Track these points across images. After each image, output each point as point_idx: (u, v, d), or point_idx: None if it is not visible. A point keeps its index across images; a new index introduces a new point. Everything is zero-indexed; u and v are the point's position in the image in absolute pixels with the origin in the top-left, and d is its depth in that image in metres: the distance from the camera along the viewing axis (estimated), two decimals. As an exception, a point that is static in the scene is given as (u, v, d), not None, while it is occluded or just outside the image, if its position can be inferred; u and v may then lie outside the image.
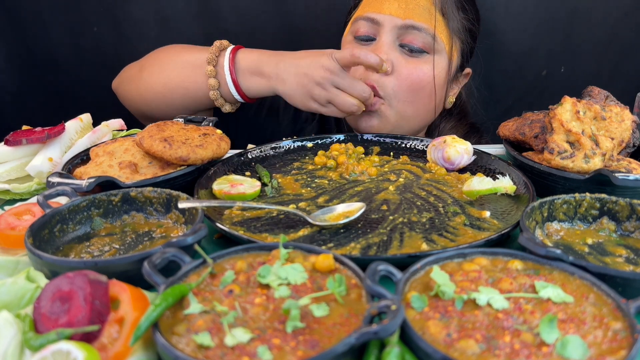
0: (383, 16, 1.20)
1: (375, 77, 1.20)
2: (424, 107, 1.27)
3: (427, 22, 1.20)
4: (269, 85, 1.17)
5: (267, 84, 1.17)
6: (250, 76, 1.18)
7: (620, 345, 0.52)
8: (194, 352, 0.51)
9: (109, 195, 0.81)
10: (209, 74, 1.19)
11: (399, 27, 1.20)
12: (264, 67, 1.16)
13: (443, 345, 0.53)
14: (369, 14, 1.22)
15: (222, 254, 0.65)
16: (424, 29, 1.19)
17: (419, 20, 1.19)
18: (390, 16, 1.20)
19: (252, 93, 1.21)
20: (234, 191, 0.90)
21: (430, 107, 1.28)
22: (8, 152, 1.02)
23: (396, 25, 1.20)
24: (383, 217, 0.87)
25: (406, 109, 1.24)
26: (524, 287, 0.61)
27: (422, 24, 1.19)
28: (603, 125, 0.93)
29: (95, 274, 0.58)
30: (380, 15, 1.21)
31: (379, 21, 1.21)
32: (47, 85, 1.73)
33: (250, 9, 1.64)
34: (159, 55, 1.30)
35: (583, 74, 1.69)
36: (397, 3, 1.20)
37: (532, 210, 0.78)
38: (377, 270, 0.59)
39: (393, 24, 1.20)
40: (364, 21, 1.24)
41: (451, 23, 1.24)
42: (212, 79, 1.19)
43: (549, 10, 1.62)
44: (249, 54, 1.19)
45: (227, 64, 1.18)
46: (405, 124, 1.27)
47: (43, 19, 1.65)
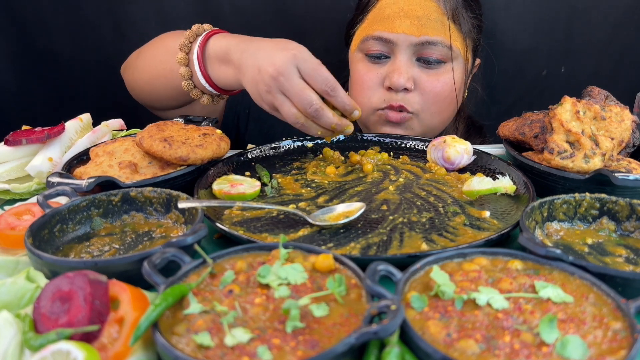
0: (396, 35, 1.17)
1: (400, 97, 1.19)
2: (448, 114, 1.28)
3: (441, 35, 1.18)
4: (234, 76, 1.02)
5: (233, 74, 1.02)
6: (219, 65, 1.05)
7: (620, 345, 0.52)
8: (194, 352, 0.51)
9: (109, 195, 0.81)
10: (180, 62, 1.07)
11: (414, 45, 1.17)
12: (232, 55, 1.01)
13: (443, 345, 0.53)
14: (381, 34, 1.19)
15: (222, 254, 0.65)
16: (440, 42, 1.18)
17: (434, 35, 1.17)
18: (404, 34, 1.17)
19: (221, 84, 1.07)
20: (234, 191, 0.90)
21: (452, 111, 1.29)
22: (8, 152, 1.02)
23: (412, 43, 1.17)
24: (383, 217, 0.87)
25: (433, 119, 1.24)
26: (524, 287, 0.61)
27: (437, 38, 1.17)
28: (603, 125, 0.93)
29: (95, 274, 0.58)
30: (393, 34, 1.17)
31: (393, 40, 1.18)
32: (47, 85, 1.73)
33: (250, 9, 1.64)
34: (154, 42, 1.23)
35: (583, 74, 1.69)
36: (409, 20, 1.17)
37: (532, 210, 0.78)
38: (377, 270, 0.59)
39: (408, 42, 1.17)
40: (375, 41, 1.20)
41: (463, 27, 1.22)
42: (183, 68, 1.08)
43: (549, 10, 1.62)
44: (221, 40, 1.05)
45: (196, 50, 1.05)
46: (430, 133, 1.28)
47: (43, 18, 1.65)
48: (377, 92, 1.22)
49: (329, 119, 0.94)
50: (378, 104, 1.23)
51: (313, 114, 0.92)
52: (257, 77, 0.94)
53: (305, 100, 0.91)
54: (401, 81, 1.16)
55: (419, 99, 1.21)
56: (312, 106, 0.92)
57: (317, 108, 0.92)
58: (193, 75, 1.08)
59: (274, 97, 0.94)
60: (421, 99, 1.21)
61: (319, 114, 0.92)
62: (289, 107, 0.93)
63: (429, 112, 1.23)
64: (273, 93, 0.93)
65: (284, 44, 0.96)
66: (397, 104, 1.18)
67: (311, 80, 0.92)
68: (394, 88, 1.19)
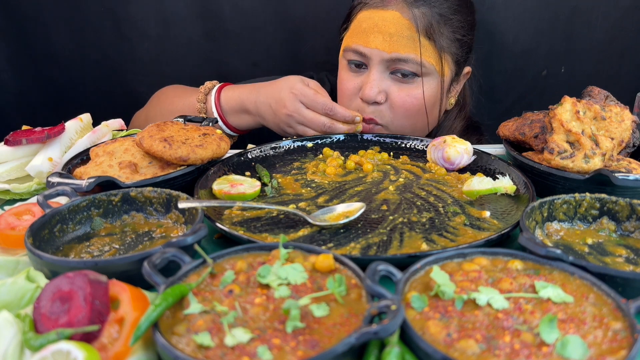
0: (370, 50, 1.21)
1: (371, 110, 1.24)
2: (422, 124, 1.31)
3: (412, 52, 1.20)
4: (255, 121, 1.28)
5: (254, 119, 1.28)
6: (238, 115, 1.29)
7: (620, 345, 0.52)
8: (194, 352, 0.51)
9: (109, 195, 0.81)
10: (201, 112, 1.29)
11: (386, 60, 1.21)
12: (248, 106, 1.26)
13: (443, 345, 0.53)
14: (356, 47, 1.24)
15: (222, 254, 0.65)
16: (411, 59, 1.20)
17: (405, 52, 1.19)
18: (377, 50, 1.20)
19: (243, 128, 1.32)
20: (234, 191, 0.90)
21: (424, 125, 1.32)
22: (8, 152, 1.02)
23: (383, 59, 1.21)
24: (383, 217, 0.87)
25: (404, 130, 1.28)
26: (524, 287, 0.61)
27: (407, 55, 1.20)
28: (603, 125, 0.93)
29: (95, 274, 0.58)
30: (366, 49, 1.22)
31: (366, 54, 1.22)
32: (47, 85, 1.74)
33: (250, 9, 1.64)
34: (158, 104, 1.38)
35: (583, 74, 1.69)
36: (382, 36, 1.20)
37: (532, 210, 0.78)
38: (377, 270, 0.59)
39: (380, 57, 1.21)
40: (352, 52, 1.26)
41: (438, 43, 1.23)
42: None
43: (549, 10, 1.62)
44: (231, 94, 1.28)
45: (214, 107, 1.28)
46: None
47: (44, 19, 1.65)
48: (354, 101, 1.27)
49: (341, 129, 1.19)
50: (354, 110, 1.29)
51: (328, 131, 1.19)
52: (276, 119, 1.22)
53: (319, 125, 1.18)
54: (371, 94, 1.21)
55: (390, 112, 1.25)
56: (324, 126, 1.18)
57: (329, 126, 1.18)
58: None
59: (295, 129, 1.22)
60: (391, 112, 1.25)
61: (332, 130, 1.19)
62: (311, 132, 1.20)
63: (399, 124, 1.26)
64: (294, 126, 1.21)
65: (283, 82, 1.22)
66: (367, 116, 1.24)
67: (314, 109, 1.18)
68: (365, 100, 1.23)
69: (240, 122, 1.30)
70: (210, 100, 1.29)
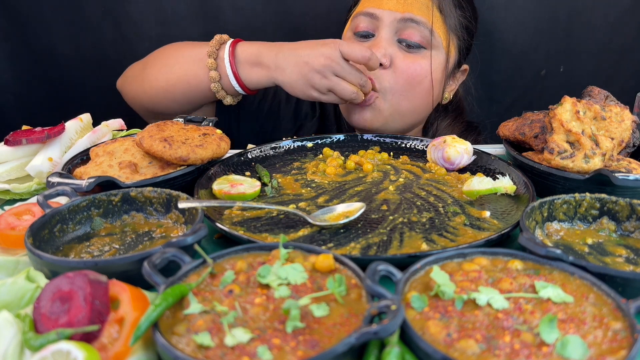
0: (382, 11, 1.22)
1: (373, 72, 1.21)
2: (420, 102, 1.28)
3: (425, 17, 1.22)
4: (268, 75, 1.19)
5: (267, 74, 1.18)
6: (250, 67, 1.20)
7: (620, 345, 0.52)
8: (194, 352, 0.51)
9: (109, 195, 0.81)
10: (210, 67, 1.21)
11: (397, 21, 1.21)
12: (264, 58, 1.18)
13: (443, 345, 0.53)
14: (369, 9, 1.24)
15: (222, 254, 0.65)
16: (422, 22, 1.21)
17: (418, 14, 1.21)
18: (390, 11, 1.22)
19: (252, 84, 1.22)
20: (234, 191, 0.90)
21: (427, 102, 1.30)
22: (8, 152, 1.02)
23: (395, 19, 1.21)
24: (383, 217, 0.87)
25: (401, 102, 1.25)
26: (524, 287, 0.61)
27: (420, 18, 1.21)
28: (603, 125, 0.93)
29: (95, 274, 0.58)
30: (379, 10, 1.23)
31: (378, 16, 1.23)
32: (47, 85, 1.73)
33: (250, 9, 1.64)
34: (162, 52, 1.32)
35: (583, 74, 1.69)
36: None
37: (532, 210, 0.78)
38: (377, 270, 0.59)
39: (392, 18, 1.21)
40: (363, 17, 1.25)
41: (448, 20, 1.26)
42: (213, 72, 1.21)
43: (548, 10, 1.62)
44: (248, 46, 1.21)
45: (227, 56, 1.20)
46: (400, 119, 1.28)
47: (44, 18, 1.65)
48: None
49: (369, 85, 1.17)
50: None
51: (363, 84, 1.15)
52: (305, 68, 1.13)
53: (358, 77, 1.14)
54: (378, 55, 1.19)
55: (391, 77, 1.22)
56: (362, 79, 1.14)
57: (366, 79, 1.15)
58: (222, 78, 1.22)
59: (329, 80, 1.13)
60: (393, 78, 1.22)
61: (367, 83, 1.16)
62: (345, 85, 1.13)
63: (398, 92, 1.24)
64: (329, 77, 1.12)
65: (319, 41, 1.15)
66: (368, 75, 1.20)
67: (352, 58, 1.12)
68: None
69: (250, 76, 1.21)
70: (223, 51, 1.21)
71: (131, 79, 1.35)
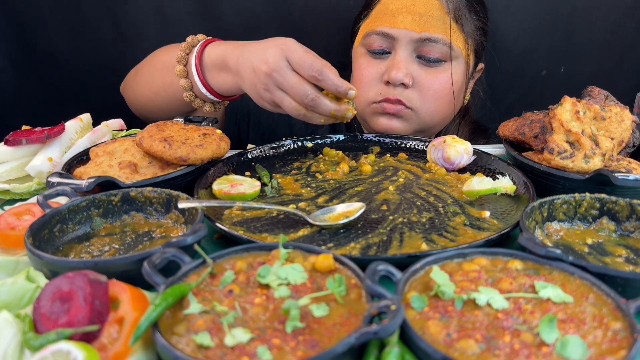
0: (398, 30, 1.18)
1: (398, 92, 1.20)
2: (445, 112, 1.28)
3: (442, 33, 1.18)
4: (234, 82, 1.05)
5: (232, 79, 1.05)
6: (217, 72, 1.08)
7: (620, 345, 0.52)
8: (193, 352, 0.51)
9: (108, 195, 0.81)
10: (179, 74, 1.11)
11: (414, 41, 1.19)
12: (229, 61, 1.04)
13: (443, 345, 0.53)
14: (382, 29, 1.20)
15: (222, 254, 0.65)
16: (440, 39, 1.18)
17: (435, 32, 1.18)
18: (406, 30, 1.18)
19: (222, 90, 1.10)
20: (234, 191, 0.90)
21: (451, 110, 1.29)
22: (8, 152, 1.02)
23: (412, 39, 1.18)
24: (383, 217, 0.87)
25: (433, 118, 1.25)
26: (524, 287, 0.61)
27: (437, 35, 1.18)
28: (603, 125, 0.93)
29: (95, 274, 0.58)
30: (394, 29, 1.19)
31: (394, 36, 1.19)
32: (47, 85, 1.73)
33: (250, 9, 1.64)
34: (151, 58, 1.26)
35: (583, 74, 1.69)
36: (411, 16, 1.18)
37: (532, 210, 0.78)
38: (377, 270, 0.59)
39: (409, 38, 1.18)
40: (377, 36, 1.21)
41: (465, 28, 1.23)
42: (183, 80, 1.11)
43: (549, 10, 1.62)
44: (216, 48, 1.08)
45: (193, 61, 1.09)
46: (427, 130, 1.29)
47: (43, 18, 1.65)
48: (375, 86, 1.23)
49: (327, 106, 0.95)
50: (374, 97, 1.23)
51: (310, 104, 0.94)
52: (254, 78, 0.97)
53: (300, 93, 0.93)
54: (399, 76, 1.17)
55: (417, 96, 1.21)
56: (307, 97, 0.93)
57: (312, 98, 0.93)
58: (193, 85, 1.11)
59: (273, 94, 0.96)
60: (419, 96, 1.21)
61: (316, 104, 0.94)
62: (289, 101, 0.95)
63: (428, 110, 1.23)
64: (271, 90, 0.96)
65: (273, 40, 0.98)
66: (394, 97, 1.20)
67: (300, 70, 0.93)
68: (392, 82, 1.19)
69: (217, 82, 1.08)
70: (192, 55, 1.09)
71: (127, 85, 1.32)
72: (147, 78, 1.22)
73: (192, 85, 1.11)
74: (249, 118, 1.46)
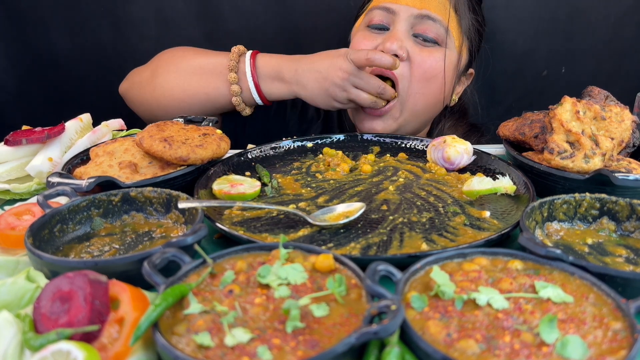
0: (399, 6, 1.23)
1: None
2: (433, 100, 1.29)
3: (441, 15, 1.23)
4: (290, 90, 1.22)
5: (289, 88, 1.21)
6: (272, 82, 1.22)
7: (620, 345, 0.52)
8: (194, 352, 0.51)
9: (109, 195, 0.81)
10: (232, 81, 1.22)
11: (414, 17, 1.22)
12: (284, 74, 1.20)
13: (443, 345, 0.53)
14: (385, 4, 1.25)
15: (222, 254, 0.65)
16: (439, 20, 1.23)
17: (435, 11, 1.22)
18: (407, 6, 1.23)
19: (273, 97, 1.25)
20: (234, 191, 0.90)
21: (439, 99, 1.30)
22: (8, 152, 1.02)
23: (412, 15, 1.22)
24: (383, 217, 0.87)
25: (417, 102, 1.25)
26: (524, 287, 0.61)
27: (437, 15, 1.22)
28: (603, 125, 0.93)
29: (95, 274, 0.58)
30: (396, 5, 1.24)
31: (395, 10, 1.24)
32: (47, 85, 1.73)
33: (250, 9, 1.64)
34: (171, 60, 1.30)
35: (583, 74, 1.69)
36: None
37: (532, 210, 0.78)
38: (377, 270, 0.59)
39: (409, 13, 1.22)
40: (379, 10, 1.26)
41: (463, 22, 1.27)
42: (234, 86, 1.23)
43: (549, 11, 1.62)
44: (268, 60, 1.23)
45: (249, 70, 1.22)
46: (413, 120, 1.29)
47: (43, 18, 1.65)
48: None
49: (390, 90, 1.18)
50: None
51: (382, 92, 1.16)
52: (325, 84, 1.16)
53: (375, 86, 1.16)
54: (394, 46, 1.19)
55: (407, 70, 1.23)
56: (380, 87, 1.16)
57: (383, 87, 1.16)
58: (243, 91, 1.24)
59: (349, 93, 1.16)
60: (408, 71, 1.23)
61: (385, 91, 1.17)
62: (364, 95, 1.16)
63: (413, 91, 1.24)
64: (348, 90, 1.16)
65: (333, 53, 1.18)
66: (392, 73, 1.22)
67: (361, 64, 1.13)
68: (385, 52, 1.20)
69: (272, 90, 1.24)
70: (244, 62, 1.23)
71: (139, 86, 1.33)
72: (178, 80, 1.27)
73: (242, 91, 1.24)
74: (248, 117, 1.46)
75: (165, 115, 1.30)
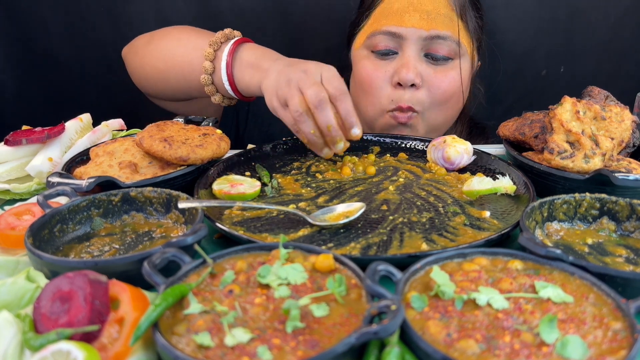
0: (406, 29, 1.18)
1: (408, 97, 1.19)
2: (452, 112, 1.28)
3: (450, 30, 1.18)
4: (258, 80, 1.07)
5: (258, 78, 1.07)
6: (246, 68, 1.10)
7: (620, 345, 0.52)
8: (194, 352, 0.51)
9: (109, 195, 0.81)
10: (207, 57, 1.12)
11: (423, 39, 1.18)
12: (263, 62, 1.07)
13: (443, 345, 0.53)
14: (389, 28, 1.19)
15: (222, 254, 0.65)
16: (448, 37, 1.18)
17: (443, 29, 1.18)
18: (414, 28, 1.17)
19: (242, 85, 1.12)
20: (234, 191, 0.90)
21: (458, 109, 1.29)
22: (8, 152, 1.02)
23: (420, 37, 1.18)
24: (383, 217, 0.87)
25: (438, 118, 1.24)
26: (524, 287, 0.61)
27: (446, 33, 1.18)
28: (603, 125, 0.93)
29: (95, 274, 0.58)
30: (402, 28, 1.18)
31: (402, 35, 1.18)
32: (47, 85, 1.73)
33: (250, 9, 1.64)
34: (170, 31, 1.25)
35: (583, 74, 1.69)
36: (419, 14, 1.17)
37: (532, 210, 0.78)
38: (377, 270, 0.59)
39: (417, 36, 1.18)
40: (383, 35, 1.20)
41: (470, 25, 1.24)
42: (207, 62, 1.12)
43: (549, 10, 1.62)
44: (256, 49, 1.12)
45: (228, 49, 1.11)
46: (433, 132, 1.29)
47: (43, 18, 1.65)
48: (384, 90, 1.21)
49: (328, 117, 0.95)
50: (386, 104, 1.23)
51: (317, 104, 0.94)
52: (282, 73, 0.98)
53: (315, 92, 0.94)
54: (410, 76, 1.16)
55: (426, 96, 1.21)
56: (318, 96, 0.93)
57: (321, 99, 0.93)
58: (215, 71, 1.13)
59: (289, 89, 0.96)
60: (428, 96, 1.21)
61: (323, 106, 0.94)
62: (299, 100, 0.95)
63: (435, 110, 1.23)
64: (291, 86, 0.96)
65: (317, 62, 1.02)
66: (405, 105, 1.19)
67: (327, 84, 0.96)
68: (402, 83, 1.18)
69: (242, 76, 1.10)
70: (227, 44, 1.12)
71: (134, 51, 1.29)
72: (163, 50, 1.21)
73: (214, 70, 1.12)
74: (249, 107, 1.46)
75: (147, 85, 1.28)
